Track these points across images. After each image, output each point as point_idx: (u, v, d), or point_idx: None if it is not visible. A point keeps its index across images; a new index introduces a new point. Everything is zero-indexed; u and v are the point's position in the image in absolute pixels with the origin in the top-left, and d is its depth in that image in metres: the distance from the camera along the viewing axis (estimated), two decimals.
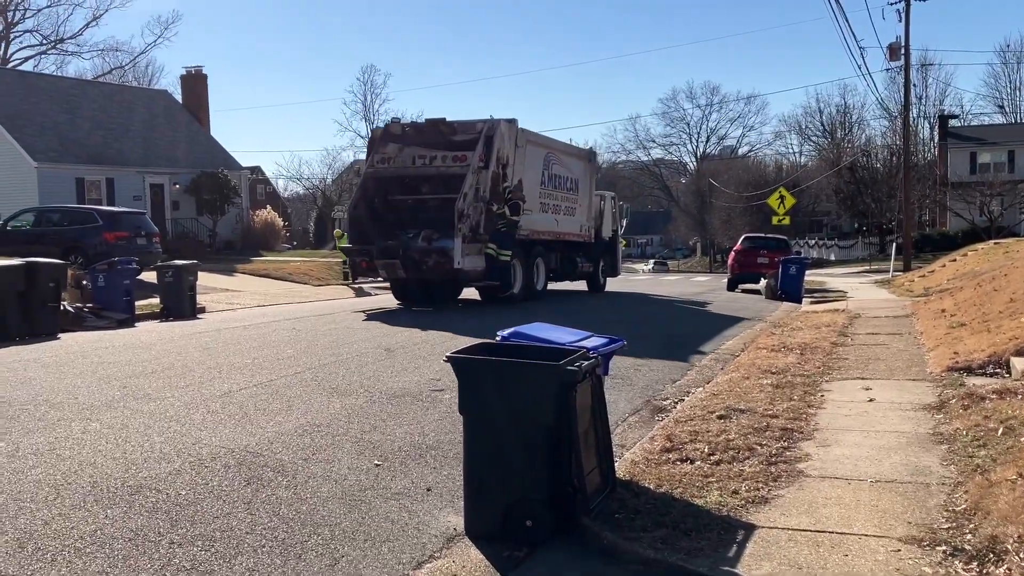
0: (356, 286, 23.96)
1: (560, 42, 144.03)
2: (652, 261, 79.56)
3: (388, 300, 20.56)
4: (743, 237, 29.69)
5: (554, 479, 4.54)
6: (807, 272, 23.58)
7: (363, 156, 25.15)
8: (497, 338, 5.55)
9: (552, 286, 22.36)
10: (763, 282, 23.31)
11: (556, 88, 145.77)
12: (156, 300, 17.82)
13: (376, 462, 6.01)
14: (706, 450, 5.89)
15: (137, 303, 16.74)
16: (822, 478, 5.34)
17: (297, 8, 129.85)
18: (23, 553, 4.36)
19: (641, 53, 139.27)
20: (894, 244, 40.11)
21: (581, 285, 24.82)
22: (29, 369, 10.18)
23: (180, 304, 17.09)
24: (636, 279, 41.34)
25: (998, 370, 8.46)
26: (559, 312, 15.98)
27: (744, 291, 25.25)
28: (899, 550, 4.16)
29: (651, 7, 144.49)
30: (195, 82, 43.65)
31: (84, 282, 16.84)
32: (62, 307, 14.62)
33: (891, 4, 35.02)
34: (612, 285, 26.17)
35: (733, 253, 27.43)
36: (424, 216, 17.90)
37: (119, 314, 15.71)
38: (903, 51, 35.53)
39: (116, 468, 5.83)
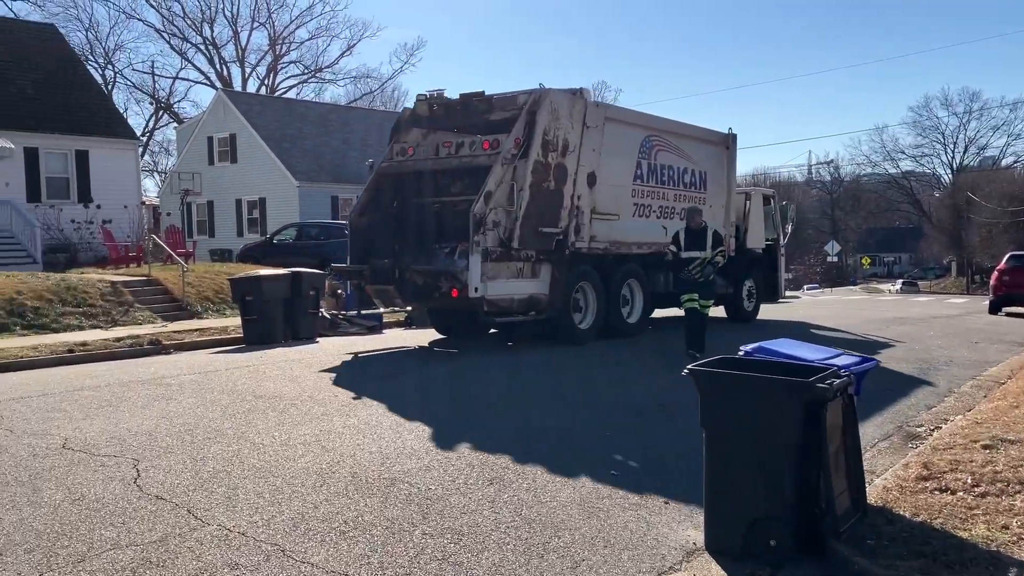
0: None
1: (798, 52, 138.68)
2: (900, 281, 74.50)
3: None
4: (1008, 255, 27.07)
5: (800, 499, 4.38)
6: None
7: None
8: (739, 353, 5.44)
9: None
10: None
11: (794, 98, 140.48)
12: None
13: (612, 472, 6.06)
14: (969, 481, 5.45)
15: (384, 312, 17.87)
16: None
17: (526, 28, 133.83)
18: (297, 532, 4.81)
19: (889, 59, 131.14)
20: None
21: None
22: (295, 368, 11.18)
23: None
24: (882, 300, 38.84)
25: None
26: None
27: (1009, 314, 23.02)
28: None
29: (898, 9, 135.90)
30: None
31: (339, 291, 18.22)
32: (320, 313, 15.91)
33: None
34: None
35: (996, 273, 25.04)
36: (448, 224, 13.25)
37: (369, 321, 16.85)
38: None
39: (373, 461, 6.28)
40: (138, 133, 43.50)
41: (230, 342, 14.26)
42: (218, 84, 56.59)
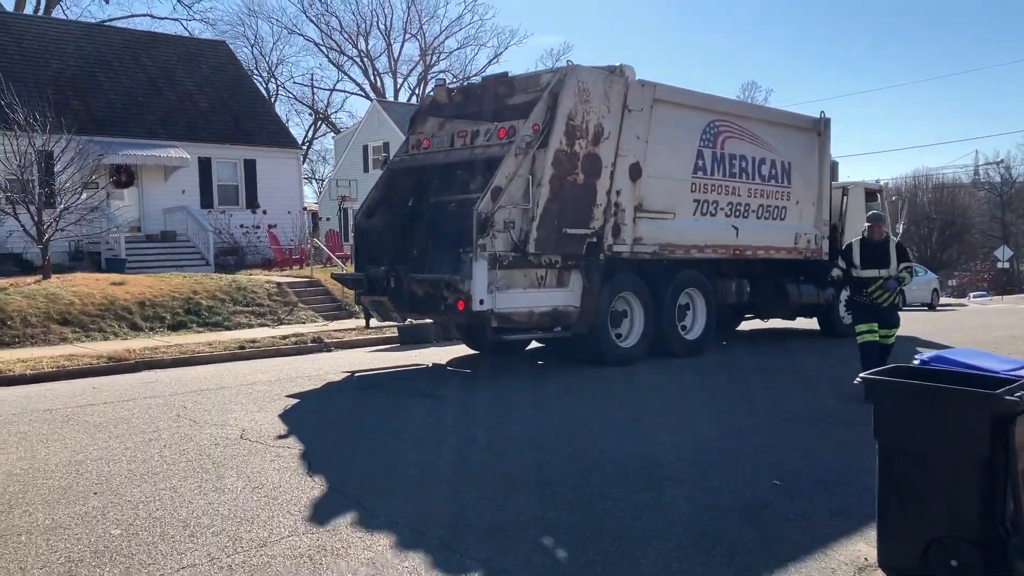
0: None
1: (962, 47, 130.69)
2: None
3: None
4: None
5: (985, 519, 4.14)
6: None
7: None
8: (914, 362, 5.19)
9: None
10: None
11: (958, 96, 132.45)
12: None
13: (775, 481, 5.91)
14: None
15: None
16: None
17: (673, 30, 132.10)
18: (460, 528, 4.94)
19: None
20: None
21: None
22: (448, 368, 11.45)
23: None
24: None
25: None
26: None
27: None
28: None
29: None
30: None
31: None
32: None
33: None
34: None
35: None
36: (465, 226, 10.60)
37: None
38: None
39: (527, 463, 6.39)
40: (299, 142, 45.72)
41: (386, 341, 14.79)
42: (372, 95, 58.68)
